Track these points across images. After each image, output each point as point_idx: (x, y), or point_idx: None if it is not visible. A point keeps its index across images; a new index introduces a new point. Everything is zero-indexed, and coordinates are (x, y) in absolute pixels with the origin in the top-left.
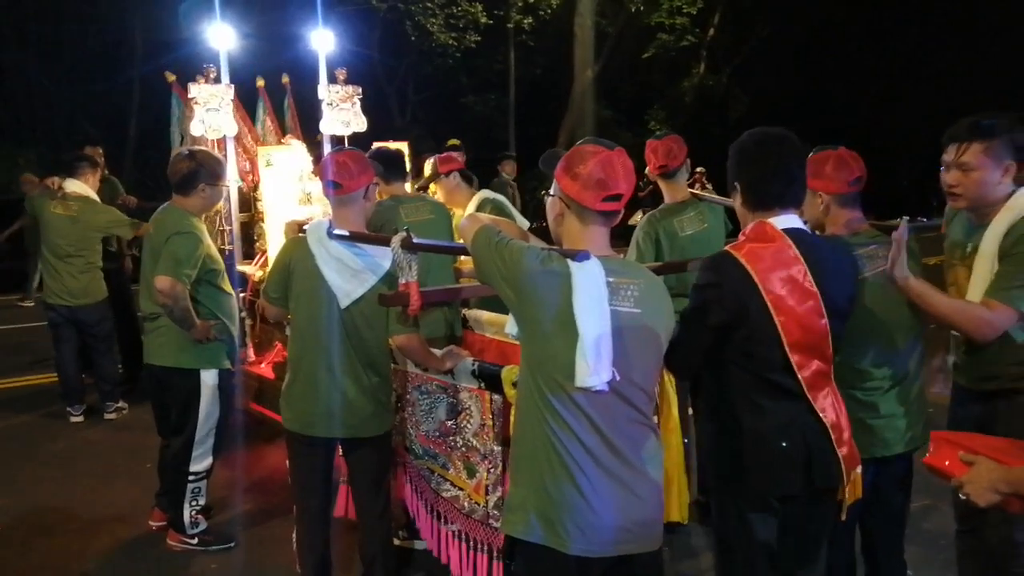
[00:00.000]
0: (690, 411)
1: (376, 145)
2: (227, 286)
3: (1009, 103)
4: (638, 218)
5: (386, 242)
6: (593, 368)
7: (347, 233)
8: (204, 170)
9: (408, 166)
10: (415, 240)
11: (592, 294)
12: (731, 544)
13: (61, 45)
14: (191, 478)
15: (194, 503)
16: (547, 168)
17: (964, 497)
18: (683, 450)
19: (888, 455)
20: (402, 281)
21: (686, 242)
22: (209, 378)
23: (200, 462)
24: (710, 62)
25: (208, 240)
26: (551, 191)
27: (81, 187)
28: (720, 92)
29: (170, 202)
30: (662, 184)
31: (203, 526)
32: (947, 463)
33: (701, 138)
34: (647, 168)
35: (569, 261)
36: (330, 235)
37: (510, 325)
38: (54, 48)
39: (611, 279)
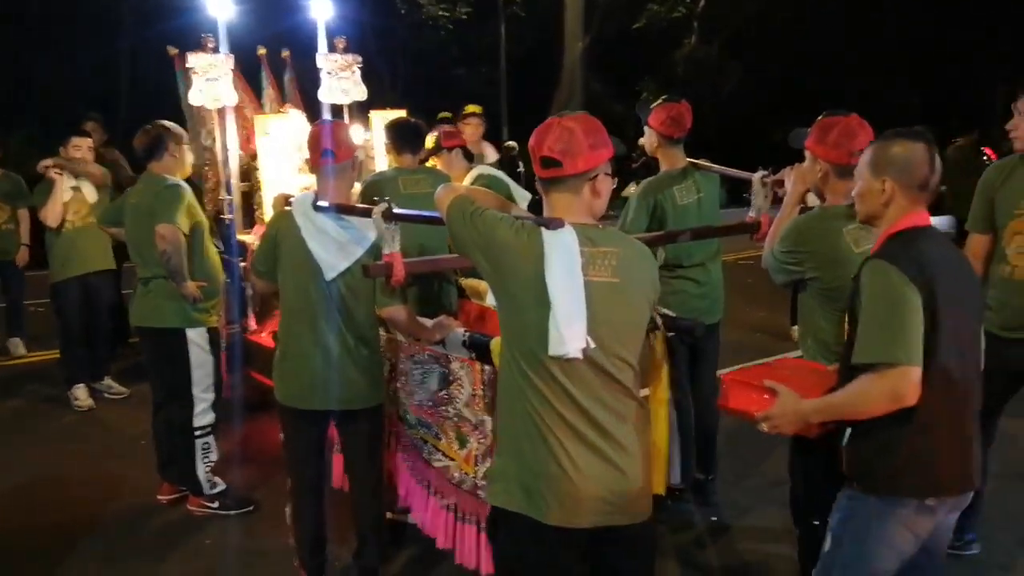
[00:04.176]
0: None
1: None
2: (211, 245)
3: (1010, 73)
4: (631, 190)
5: (368, 213)
6: (565, 336)
7: (330, 205)
8: (168, 133)
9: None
10: (396, 211)
11: (564, 262)
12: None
13: (48, 20)
14: (198, 433)
15: (206, 460)
16: None
17: (765, 430)
18: (670, 424)
19: None
20: (385, 252)
21: (682, 212)
22: (196, 336)
23: (204, 417)
24: (701, 33)
25: (191, 194)
26: None
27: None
28: (712, 64)
29: (145, 172)
30: (661, 151)
31: (222, 487)
32: (744, 403)
33: (693, 109)
34: (642, 139)
35: (542, 230)
36: (315, 207)
37: (491, 296)
38: (41, 24)
39: (586, 248)
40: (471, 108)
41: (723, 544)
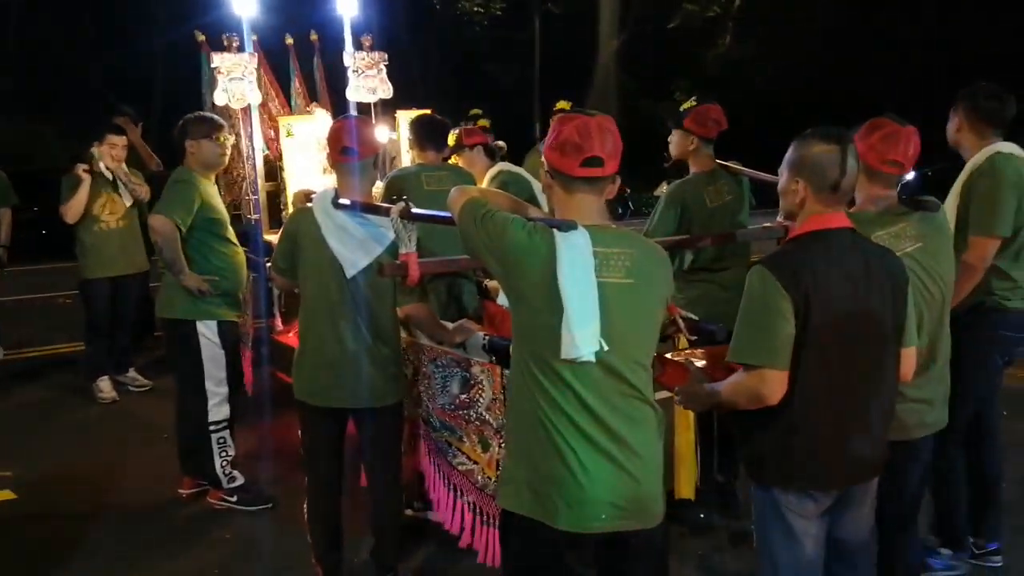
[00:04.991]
0: None
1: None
2: (230, 238)
3: None
4: (663, 189)
5: (387, 212)
6: (577, 340)
7: (349, 202)
8: (185, 128)
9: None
10: (414, 210)
11: (577, 264)
12: None
13: (84, 15)
14: (212, 428)
15: (223, 454)
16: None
17: (677, 404)
18: (695, 426)
19: (906, 439)
20: (402, 252)
21: (710, 214)
22: (206, 329)
23: (218, 411)
24: (736, 32)
25: (209, 190)
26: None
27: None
28: (746, 63)
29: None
30: (695, 153)
31: (240, 481)
32: (669, 379)
33: (727, 109)
34: (671, 138)
35: (554, 232)
36: (335, 204)
37: (502, 296)
38: (77, 18)
39: (599, 249)
40: (562, 104)
41: (743, 548)
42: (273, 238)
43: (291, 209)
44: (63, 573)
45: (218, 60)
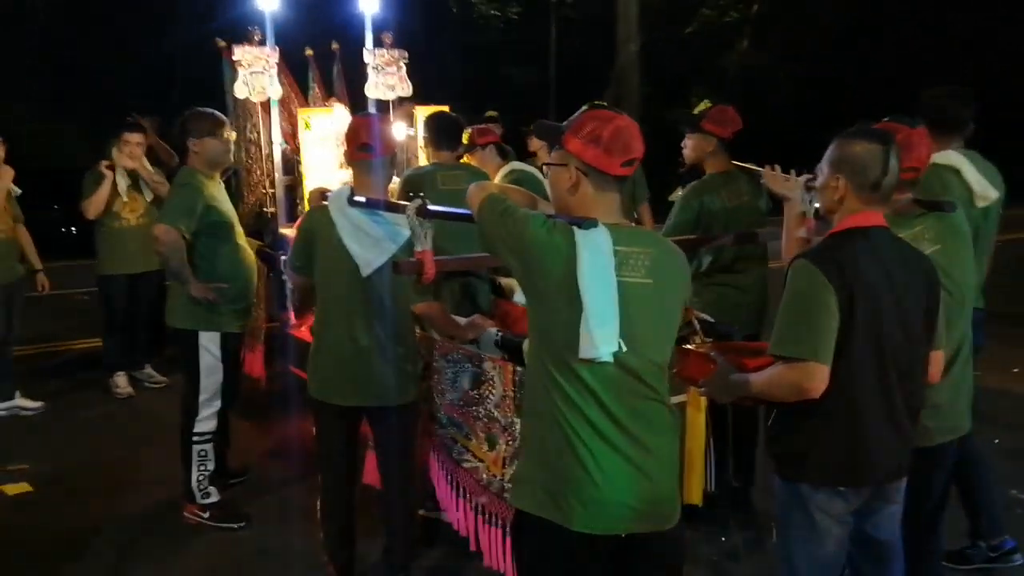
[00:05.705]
0: None
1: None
2: (237, 240)
3: None
4: (678, 194)
5: (404, 209)
6: (596, 339)
7: (365, 199)
8: (187, 127)
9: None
10: (430, 207)
11: (597, 263)
12: None
13: (105, 14)
14: (195, 439)
15: (202, 467)
16: (542, 136)
17: (703, 396)
18: (708, 430)
19: (929, 446)
20: (417, 249)
21: (727, 215)
22: (207, 340)
23: (205, 423)
24: (754, 38)
25: (214, 193)
26: (553, 160)
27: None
28: (764, 68)
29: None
30: (712, 155)
31: (214, 497)
32: (693, 371)
33: (745, 115)
34: (684, 141)
35: (575, 229)
36: (350, 202)
37: (519, 293)
38: (98, 18)
39: (620, 248)
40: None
41: (757, 553)
42: (289, 232)
43: (307, 206)
44: (79, 565)
45: (239, 53)
